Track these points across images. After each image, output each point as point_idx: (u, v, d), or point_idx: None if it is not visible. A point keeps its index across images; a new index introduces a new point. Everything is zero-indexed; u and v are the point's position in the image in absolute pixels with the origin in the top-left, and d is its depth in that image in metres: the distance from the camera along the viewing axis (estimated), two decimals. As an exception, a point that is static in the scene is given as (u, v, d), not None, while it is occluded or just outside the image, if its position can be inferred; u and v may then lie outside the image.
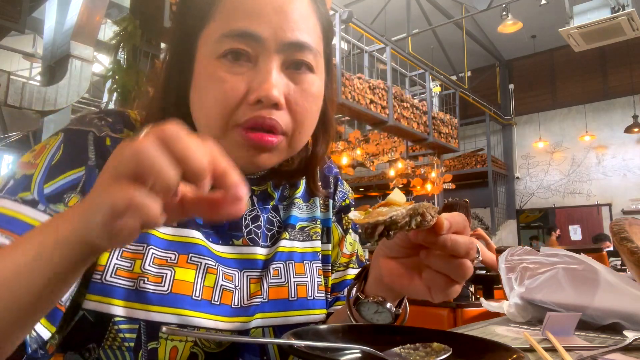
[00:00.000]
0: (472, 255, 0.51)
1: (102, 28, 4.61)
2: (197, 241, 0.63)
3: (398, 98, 7.62)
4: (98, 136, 0.61)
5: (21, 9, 3.79)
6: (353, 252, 0.82)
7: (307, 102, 0.62)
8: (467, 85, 10.79)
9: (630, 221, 0.96)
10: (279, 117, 0.59)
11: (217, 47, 0.59)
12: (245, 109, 0.59)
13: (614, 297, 0.86)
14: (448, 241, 0.50)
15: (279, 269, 0.69)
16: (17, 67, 9.62)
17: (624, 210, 10.37)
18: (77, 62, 4.21)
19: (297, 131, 0.62)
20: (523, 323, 0.95)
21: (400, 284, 0.56)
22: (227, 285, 0.63)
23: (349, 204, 0.84)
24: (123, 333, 0.56)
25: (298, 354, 0.45)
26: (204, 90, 0.60)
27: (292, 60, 0.61)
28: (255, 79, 0.58)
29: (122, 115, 0.66)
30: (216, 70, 0.59)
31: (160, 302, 0.57)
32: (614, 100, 10.91)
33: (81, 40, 4.22)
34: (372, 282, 0.62)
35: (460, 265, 0.51)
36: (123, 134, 0.63)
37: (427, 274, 0.53)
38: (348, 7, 8.13)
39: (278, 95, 0.58)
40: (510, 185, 12.16)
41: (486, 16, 9.50)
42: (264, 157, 0.61)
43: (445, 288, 0.52)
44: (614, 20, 6.17)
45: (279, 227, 0.73)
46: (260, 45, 0.58)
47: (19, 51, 8.63)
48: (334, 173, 0.84)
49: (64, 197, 0.57)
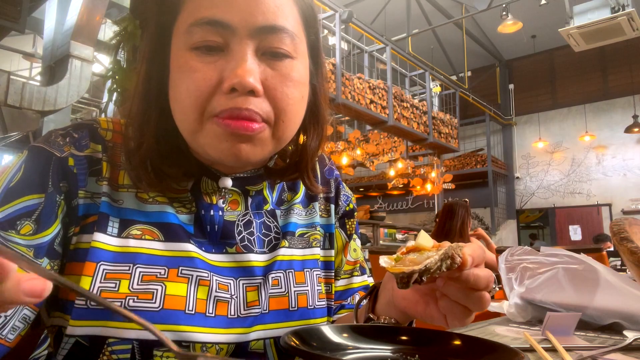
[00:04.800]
0: (490, 287, 0.52)
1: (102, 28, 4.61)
2: (190, 254, 0.61)
3: (398, 98, 7.62)
4: (59, 157, 0.59)
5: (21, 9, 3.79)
6: (357, 259, 0.81)
7: (287, 87, 0.59)
8: (467, 85, 10.78)
9: (630, 221, 0.96)
10: (257, 106, 0.56)
11: (187, 38, 0.57)
12: (220, 98, 0.56)
13: (614, 297, 0.86)
14: (471, 277, 0.50)
15: (279, 279, 0.67)
16: (17, 67, 9.62)
17: (624, 210, 10.36)
18: (77, 62, 4.21)
19: (280, 119, 0.59)
20: (523, 323, 0.95)
21: (415, 310, 0.56)
22: (221, 295, 0.61)
23: (353, 208, 0.82)
24: (117, 354, 0.55)
25: (299, 353, 0.45)
26: (177, 82, 0.58)
27: (266, 46, 0.58)
28: (227, 66, 0.56)
29: (90, 128, 0.63)
30: (187, 60, 0.57)
31: (152, 319, 0.55)
32: (614, 100, 10.91)
33: (81, 40, 4.22)
34: (384, 304, 0.62)
35: (480, 298, 0.51)
36: (89, 149, 0.61)
37: (444, 302, 0.53)
38: (348, 7, 8.12)
39: (254, 81, 0.55)
40: (510, 185, 12.15)
41: (486, 16, 9.50)
42: (246, 147, 0.57)
43: (462, 317, 0.53)
44: (614, 20, 6.17)
45: (276, 234, 0.70)
46: (231, 33, 0.56)
47: (19, 51, 8.62)
48: (335, 176, 0.81)
49: (17, 223, 0.55)
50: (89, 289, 0.56)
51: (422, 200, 12.00)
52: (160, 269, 0.59)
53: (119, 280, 0.57)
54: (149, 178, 0.61)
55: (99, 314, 0.55)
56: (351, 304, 0.78)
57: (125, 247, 0.59)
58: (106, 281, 0.57)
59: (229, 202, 0.68)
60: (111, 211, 0.60)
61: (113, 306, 0.36)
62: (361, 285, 0.80)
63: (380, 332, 0.57)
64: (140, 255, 0.59)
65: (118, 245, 0.59)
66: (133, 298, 0.56)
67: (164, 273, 0.59)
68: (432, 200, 10.81)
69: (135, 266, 0.58)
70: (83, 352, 0.55)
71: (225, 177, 0.67)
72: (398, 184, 10.03)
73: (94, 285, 0.56)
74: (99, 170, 0.61)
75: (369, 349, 0.53)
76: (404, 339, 0.55)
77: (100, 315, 0.55)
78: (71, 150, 0.60)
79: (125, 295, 0.56)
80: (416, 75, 9.59)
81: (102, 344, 0.55)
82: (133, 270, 0.58)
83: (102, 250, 0.58)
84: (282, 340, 0.47)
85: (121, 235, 0.59)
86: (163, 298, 0.57)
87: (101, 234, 0.58)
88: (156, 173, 0.61)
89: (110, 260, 0.58)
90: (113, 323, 0.55)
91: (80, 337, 0.55)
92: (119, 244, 0.59)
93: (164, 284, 0.58)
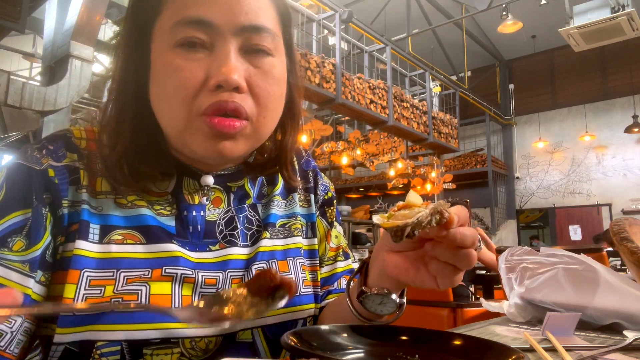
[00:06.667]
0: (476, 245, 0.54)
1: (102, 28, 4.60)
2: (174, 253, 0.61)
3: (398, 98, 7.62)
4: (39, 170, 0.59)
5: (21, 9, 3.79)
6: (339, 244, 0.83)
7: (269, 85, 0.61)
8: (467, 85, 10.79)
9: (630, 221, 0.96)
10: (241, 101, 0.58)
11: (171, 37, 0.58)
12: (206, 95, 0.57)
13: (614, 297, 0.86)
14: (458, 234, 0.52)
15: (262, 269, 0.68)
16: (17, 67, 9.62)
17: (624, 210, 10.36)
18: (77, 62, 4.21)
19: (261, 116, 0.61)
20: (523, 323, 0.95)
21: (406, 275, 0.57)
22: (206, 290, 0.62)
23: (332, 196, 0.84)
24: (106, 356, 0.55)
25: (299, 353, 0.45)
26: (163, 82, 0.59)
27: (249, 44, 0.60)
28: (213, 64, 0.57)
29: (64, 138, 0.64)
30: (173, 59, 0.58)
31: (140, 319, 0.56)
32: (614, 100, 10.91)
33: (81, 40, 4.21)
34: (376, 276, 0.63)
35: (467, 255, 0.53)
36: (66, 159, 0.62)
37: (434, 264, 0.55)
38: (348, 7, 8.12)
39: (238, 78, 0.57)
40: (510, 185, 12.16)
41: (486, 16, 9.50)
42: (228, 145, 0.59)
43: (451, 276, 0.55)
44: (614, 20, 6.17)
45: (258, 227, 0.72)
46: (215, 32, 0.58)
47: (19, 51, 8.62)
48: (313, 166, 0.84)
49: (8, 240, 0.55)
50: (74, 296, 0.56)
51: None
52: (144, 271, 0.59)
53: (104, 287, 0.57)
54: (125, 178, 0.61)
55: (85, 319, 0.55)
56: (338, 288, 0.79)
57: (108, 253, 0.59)
58: (91, 288, 0.57)
59: (212, 200, 0.69)
60: (91, 218, 0.60)
61: (99, 307, 0.37)
62: (345, 270, 0.82)
63: (380, 332, 0.57)
64: (123, 260, 0.59)
65: (100, 252, 0.59)
66: (118, 300, 0.57)
67: (147, 274, 0.59)
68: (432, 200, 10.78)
69: (119, 271, 0.58)
70: (73, 357, 0.55)
71: (207, 175, 0.68)
72: (398, 184, 10.03)
73: (79, 292, 0.56)
74: (77, 179, 0.62)
75: (369, 349, 0.53)
76: (404, 339, 0.55)
77: (86, 320, 0.55)
78: (49, 162, 0.60)
79: (109, 298, 0.57)
80: (416, 75, 9.59)
81: (91, 348, 0.55)
82: (117, 275, 0.58)
83: (84, 258, 0.58)
84: (282, 340, 0.48)
85: (102, 241, 0.60)
86: (148, 298, 0.58)
87: (83, 241, 0.59)
88: (132, 173, 0.62)
89: (94, 267, 0.58)
90: (100, 326, 0.55)
91: (68, 344, 0.55)
92: (101, 250, 0.59)
93: (148, 284, 0.58)
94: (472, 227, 0.55)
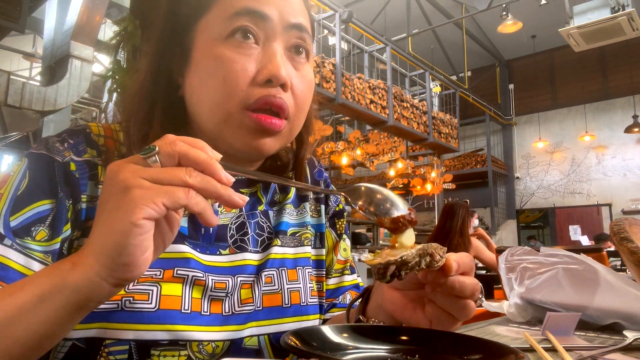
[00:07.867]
0: (476, 296, 0.53)
1: (102, 28, 4.60)
2: (185, 255, 0.61)
3: (398, 98, 7.62)
4: (62, 162, 0.59)
5: (21, 9, 3.79)
6: (347, 258, 0.83)
7: (305, 88, 0.64)
8: (467, 85, 10.78)
9: (630, 221, 0.96)
10: (286, 98, 0.60)
11: (225, 27, 0.59)
12: (255, 89, 0.59)
13: (614, 297, 0.86)
14: (456, 283, 0.51)
15: (272, 276, 0.68)
16: (17, 67, 9.61)
17: (624, 210, 10.36)
18: (77, 62, 4.21)
19: (296, 117, 0.63)
20: (523, 323, 0.95)
21: (402, 314, 0.58)
22: (216, 294, 0.62)
23: (343, 209, 0.84)
24: (114, 355, 0.55)
25: (299, 353, 0.45)
26: (211, 73, 0.60)
27: (293, 43, 0.62)
28: (263, 59, 0.60)
29: (84, 133, 0.64)
30: (224, 51, 0.59)
31: (149, 319, 0.56)
32: (614, 100, 10.91)
33: (81, 40, 4.22)
34: (374, 306, 0.63)
35: (465, 306, 0.53)
36: (87, 155, 0.61)
37: (430, 308, 0.55)
38: (348, 7, 8.12)
39: (286, 75, 0.59)
40: (510, 185, 12.15)
41: (486, 16, 9.50)
42: (269, 141, 0.61)
43: (447, 325, 0.54)
44: (614, 20, 6.16)
45: (269, 233, 0.72)
46: (268, 25, 0.60)
47: (19, 51, 8.62)
48: (325, 177, 0.84)
49: (31, 230, 0.55)
50: None
51: (422, 201, 11.99)
52: (156, 271, 0.59)
53: None
54: None
55: (96, 317, 0.55)
56: (342, 302, 0.80)
57: None
58: None
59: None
60: None
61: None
62: (352, 284, 0.82)
63: (380, 332, 0.57)
64: None
65: None
66: (129, 299, 0.57)
67: (159, 274, 0.59)
68: (432, 201, 10.80)
69: None
70: (80, 354, 0.55)
71: None
72: (398, 184, 10.03)
73: None
74: (96, 174, 0.62)
75: (369, 349, 0.53)
76: (404, 339, 0.55)
77: (96, 317, 0.55)
78: (71, 156, 0.60)
79: (121, 297, 0.56)
80: (416, 75, 9.59)
81: (99, 346, 0.55)
82: None
83: None
84: (282, 340, 0.48)
85: None
86: (159, 298, 0.58)
87: None
88: None
89: None
90: (110, 324, 0.55)
91: (76, 340, 0.55)
92: None
93: (159, 284, 0.58)
94: (474, 278, 0.54)
